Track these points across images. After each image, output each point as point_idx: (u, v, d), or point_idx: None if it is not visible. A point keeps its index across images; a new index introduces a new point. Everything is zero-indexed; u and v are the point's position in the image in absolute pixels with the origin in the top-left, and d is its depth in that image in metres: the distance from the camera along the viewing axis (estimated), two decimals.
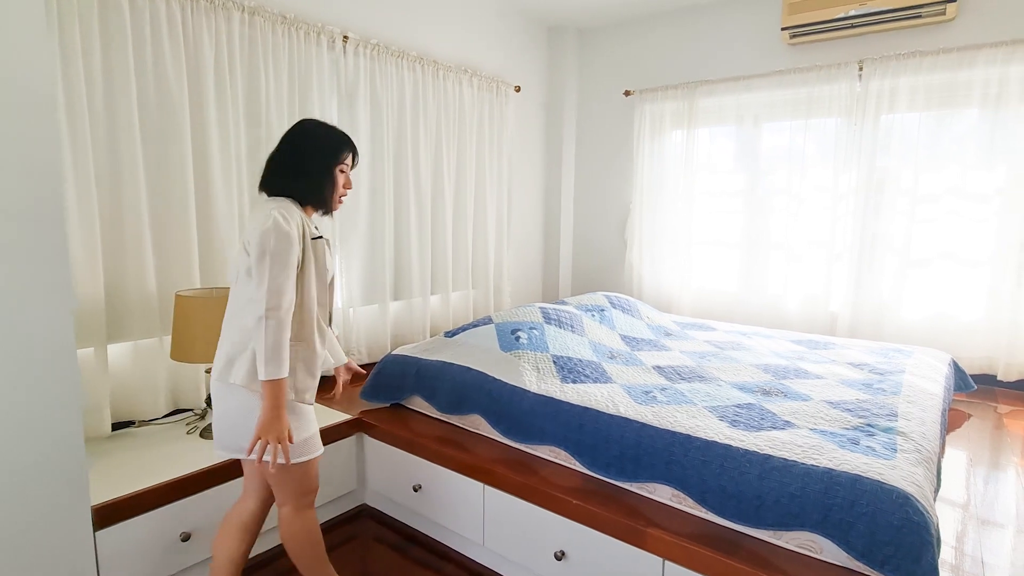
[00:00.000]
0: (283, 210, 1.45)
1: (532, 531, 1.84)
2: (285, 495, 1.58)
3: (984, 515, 1.76)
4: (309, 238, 1.50)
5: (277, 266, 1.39)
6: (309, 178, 1.53)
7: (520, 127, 4.10)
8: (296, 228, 1.45)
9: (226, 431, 1.50)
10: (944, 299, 3.09)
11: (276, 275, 1.39)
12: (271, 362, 1.38)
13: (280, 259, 1.40)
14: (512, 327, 2.45)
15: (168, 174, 2.18)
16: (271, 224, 1.40)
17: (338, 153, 1.56)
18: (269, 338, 1.37)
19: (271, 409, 1.40)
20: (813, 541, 1.46)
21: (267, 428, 1.40)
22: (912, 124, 3.11)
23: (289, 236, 1.41)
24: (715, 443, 1.64)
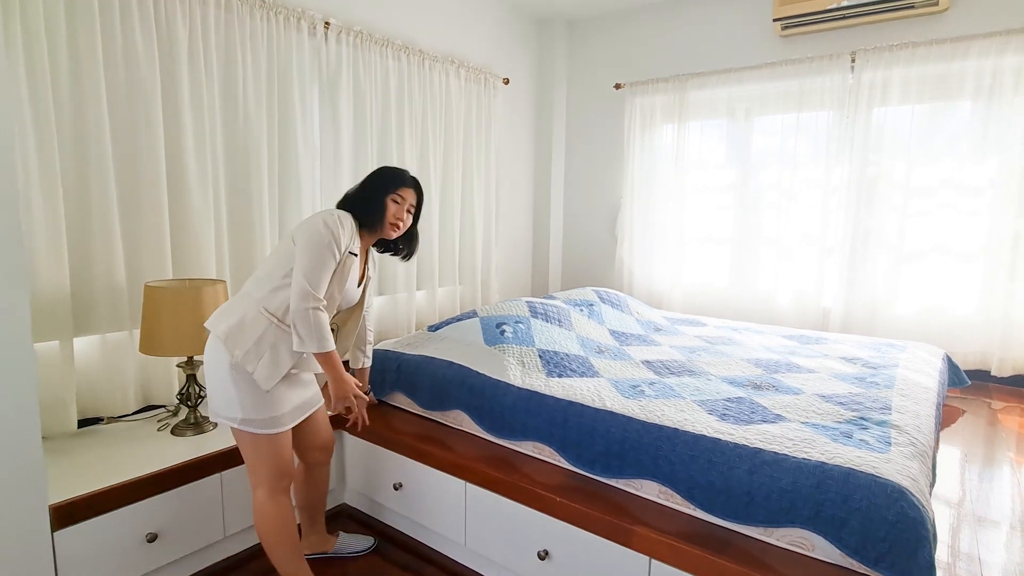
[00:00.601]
0: (341, 216, 1.63)
1: (515, 530, 1.77)
2: (258, 476, 1.61)
3: (980, 512, 1.71)
4: (347, 250, 1.63)
5: (322, 262, 1.55)
6: (363, 199, 1.72)
7: (509, 120, 4.05)
8: (343, 236, 1.60)
9: (210, 393, 1.61)
10: (937, 294, 3.06)
11: (319, 269, 1.55)
12: (320, 340, 1.55)
13: (324, 253, 1.56)
14: (497, 321, 2.38)
15: (139, 162, 2.10)
16: (328, 224, 1.58)
17: (392, 183, 1.73)
18: (315, 322, 1.53)
19: (335, 379, 1.65)
20: (804, 538, 1.41)
21: (339, 392, 1.67)
22: (904, 117, 3.08)
23: (339, 238, 1.58)
24: (704, 437, 1.59)
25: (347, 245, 1.61)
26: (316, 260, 1.54)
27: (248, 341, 1.54)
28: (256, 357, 1.54)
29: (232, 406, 1.56)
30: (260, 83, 2.45)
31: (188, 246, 2.24)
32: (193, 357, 2.06)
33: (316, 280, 1.54)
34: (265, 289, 1.59)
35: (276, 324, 1.57)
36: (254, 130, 2.43)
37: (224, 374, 1.55)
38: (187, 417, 2.09)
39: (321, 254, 1.55)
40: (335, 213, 1.62)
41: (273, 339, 1.56)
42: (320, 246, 1.55)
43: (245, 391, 1.55)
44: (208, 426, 2.10)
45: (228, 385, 1.55)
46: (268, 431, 1.57)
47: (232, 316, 1.58)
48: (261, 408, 1.56)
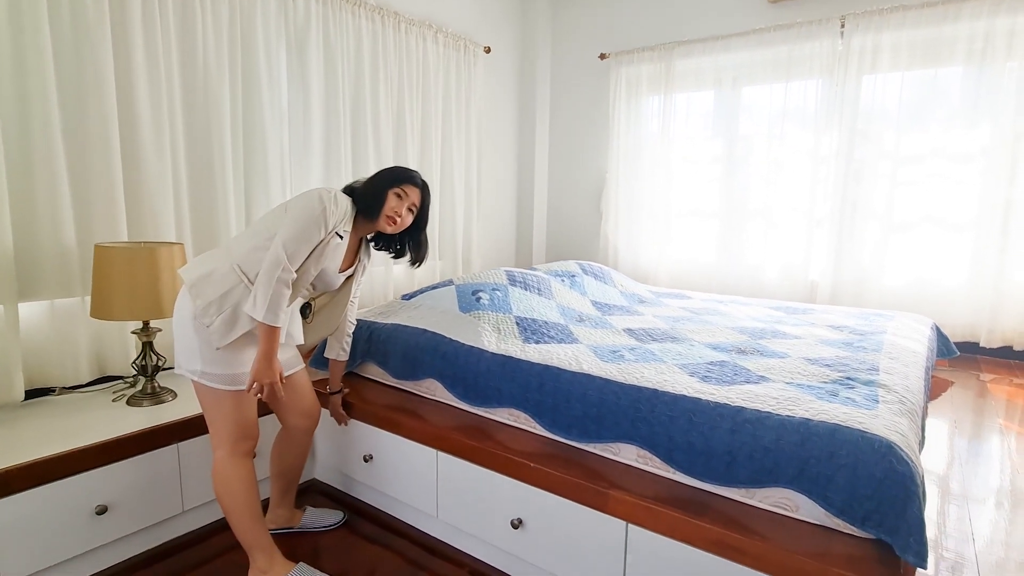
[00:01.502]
0: (338, 195, 1.57)
1: (487, 498, 1.70)
2: (219, 436, 1.55)
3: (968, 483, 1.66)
4: (334, 229, 1.56)
5: (306, 235, 1.49)
6: (366, 188, 1.66)
7: (490, 91, 3.93)
8: (333, 214, 1.53)
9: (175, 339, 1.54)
10: (926, 265, 3.01)
11: (301, 242, 1.48)
12: (269, 309, 1.45)
13: (312, 230, 1.49)
14: (473, 288, 2.30)
15: (87, 119, 1.97)
16: (324, 199, 1.51)
17: (399, 178, 1.67)
18: (274, 290, 1.44)
19: (263, 356, 1.48)
20: (788, 499, 1.34)
21: (260, 373, 1.49)
22: (894, 84, 3.02)
23: (328, 217, 1.51)
24: (684, 397, 1.51)
25: (335, 225, 1.55)
26: (300, 231, 1.48)
27: (213, 293, 1.48)
28: (217, 312, 1.48)
29: (193, 358, 1.50)
30: (221, 40, 2.32)
31: (143, 209, 2.13)
32: (149, 323, 1.96)
33: (294, 250, 1.47)
34: (245, 247, 1.53)
35: (245, 284, 1.50)
36: (214, 90, 2.30)
37: (187, 323, 1.49)
38: (144, 387, 1.99)
39: (306, 226, 1.49)
40: (333, 191, 1.56)
41: (238, 298, 1.49)
42: (308, 218, 1.49)
43: (206, 343, 1.48)
44: (167, 396, 2.00)
45: (191, 335, 1.49)
46: (228, 387, 1.51)
47: (204, 266, 1.53)
48: (222, 363, 1.50)
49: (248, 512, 1.56)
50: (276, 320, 1.45)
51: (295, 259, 1.48)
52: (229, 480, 1.54)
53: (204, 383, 1.50)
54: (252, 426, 1.58)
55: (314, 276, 1.60)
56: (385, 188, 1.65)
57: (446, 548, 1.86)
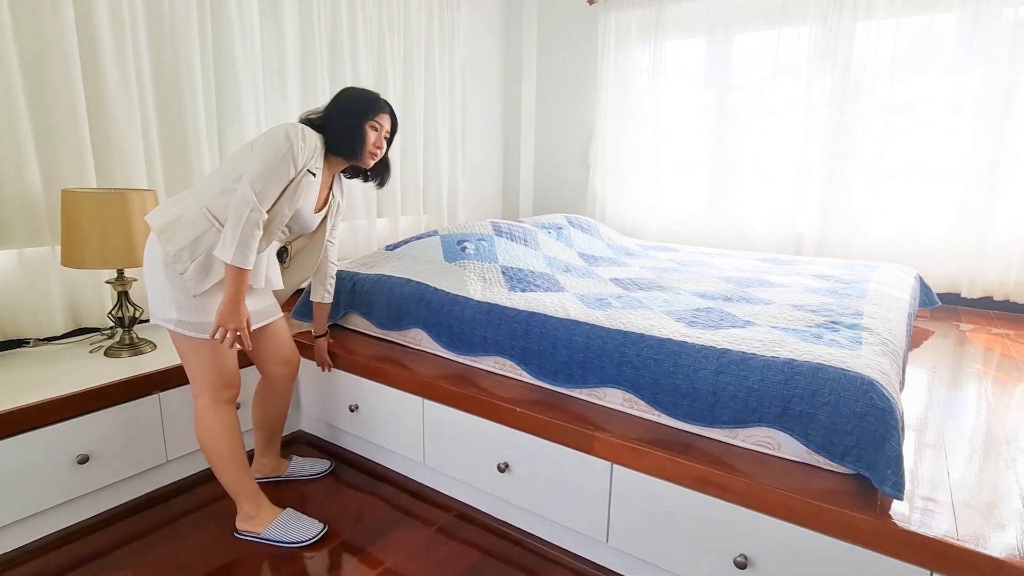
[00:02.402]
0: (306, 131, 1.48)
1: (474, 444, 1.71)
2: (200, 385, 1.52)
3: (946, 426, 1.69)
4: (305, 167, 1.49)
5: (274, 173, 1.42)
6: (340, 125, 1.56)
7: (475, 39, 3.80)
8: (303, 151, 1.46)
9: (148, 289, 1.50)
10: (912, 216, 3.02)
11: (269, 179, 1.42)
12: (238, 250, 1.38)
13: (276, 169, 1.42)
14: (459, 238, 2.26)
15: (46, 60, 1.86)
16: (291, 135, 1.43)
17: (371, 109, 1.58)
18: (243, 230, 1.38)
19: (230, 300, 1.42)
20: (770, 437, 1.36)
21: (225, 318, 1.43)
22: (889, 30, 2.95)
23: (297, 153, 1.44)
24: (669, 340, 1.51)
25: (306, 162, 1.48)
26: (267, 168, 1.41)
27: (183, 239, 1.42)
28: (189, 258, 1.42)
29: (167, 306, 1.45)
30: None
31: (112, 155, 2.04)
32: (124, 272, 1.91)
33: (263, 189, 1.41)
34: (213, 190, 1.46)
35: (216, 228, 1.44)
36: (182, 31, 2.18)
37: (159, 271, 1.44)
38: (122, 339, 1.96)
39: (273, 163, 1.42)
40: (299, 126, 1.47)
41: (210, 243, 1.44)
42: (275, 155, 1.42)
43: (180, 291, 1.44)
44: (146, 347, 1.97)
45: (163, 282, 1.44)
46: (205, 335, 1.46)
47: (172, 211, 1.46)
48: (197, 310, 1.45)
49: (232, 459, 1.56)
50: (246, 262, 1.40)
51: (264, 199, 1.42)
52: (211, 427, 1.52)
53: (180, 331, 1.46)
54: (232, 373, 1.55)
55: (288, 218, 1.54)
56: (362, 123, 1.57)
57: (433, 494, 1.88)
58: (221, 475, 1.57)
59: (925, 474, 1.31)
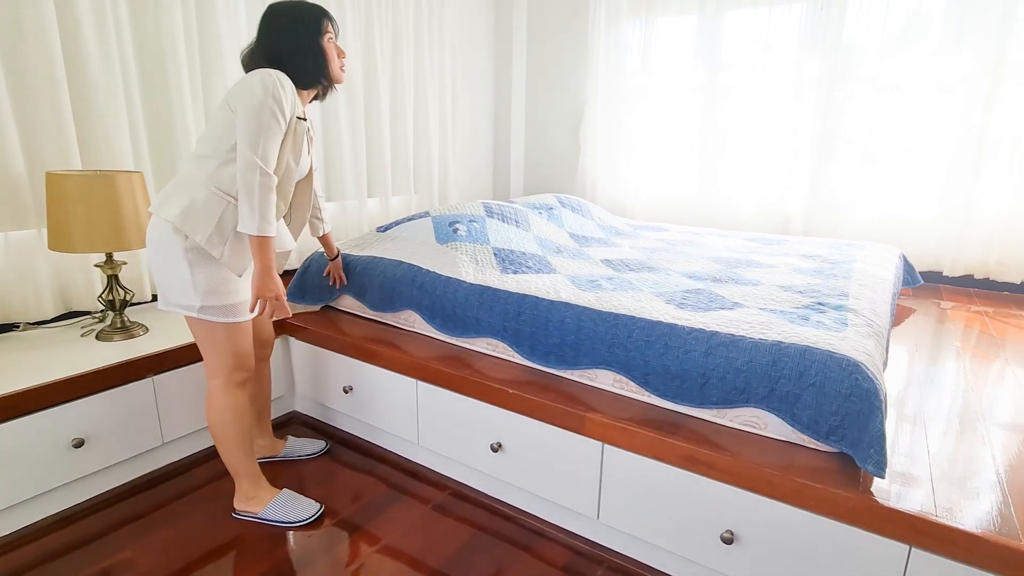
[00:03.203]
0: (281, 78, 1.39)
1: (467, 425, 1.73)
2: (214, 366, 1.52)
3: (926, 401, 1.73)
4: (293, 115, 1.43)
5: (267, 129, 1.36)
6: (300, 53, 1.46)
7: (464, 15, 3.71)
8: (286, 99, 1.39)
9: (160, 283, 1.46)
10: (898, 196, 3.04)
11: (266, 138, 1.36)
12: (261, 219, 1.36)
13: (271, 119, 1.36)
14: (450, 219, 2.24)
15: (24, 39, 1.80)
16: (271, 87, 1.35)
17: (320, 20, 1.48)
18: (261, 198, 1.35)
19: (263, 271, 1.41)
20: (757, 417, 1.38)
21: (263, 289, 1.41)
22: (879, 8, 2.92)
23: (281, 100, 1.37)
24: (660, 323, 1.52)
25: (292, 109, 1.42)
26: (260, 126, 1.35)
27: (208, 224, 1.38)
28: (221, 241, 1.40)
29: (188, 293, 1.42)
30: None
31: (96, 136, 1.99)
32: (113, 255, 1.88)
33: (264, 150, 1.35)
34: (211, 166, 1.40)
35: (233, 203, 1.41)
36: (165, 6, 2.11)
37: (178, 258, 1.39)
38: (113, 322, 1.93)
39: (264, 120, 1.35)
40: (272, 73, 1.38)
41: (234, 220, 1.41)
42: (262, 111, 1.34)
43: (203, 276, 1.41)
44: (138, 330, 1.95)
45: (183, 270, 1.40)
46: (228, 319, 1.46)
47: (181, 197, 1.39)
48: (221, 295, 1.44)
49: (238, 440, 1.57)
50: (270, 229, 1.37)
51: (268, 159, 1.36)
52: (223, 409, 1.53)
53: (205, 317, 1.44)
54: (248, 356, 1.55)
55: (296, 171, 1.50)
56: (319, 42, 1.47)
57: (428, 472, 1.91)
58: (226, 455, 1.59)
59: (905, 449, 1.34)
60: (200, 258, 1.40)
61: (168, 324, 2.04)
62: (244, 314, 1.50)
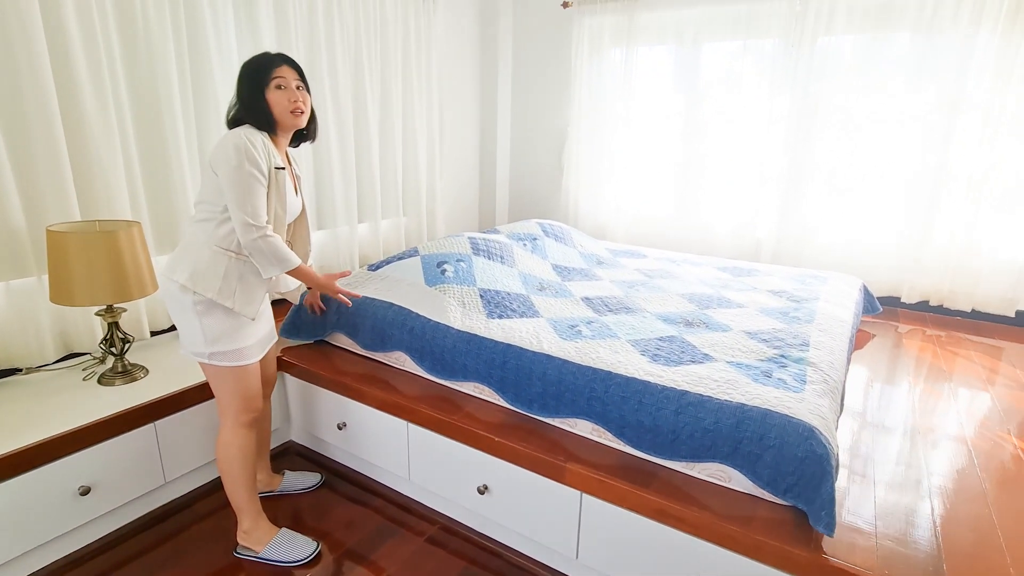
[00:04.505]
0: (250, 134, 1.48)
1: (456, 467, 1.79)
2: (224, 407, 1.62)
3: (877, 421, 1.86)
4: (271, 166, 1.51)
5: (249, 191, 1.45)
6: (246, 108, 1.53)
7: (451, 42, 3.72)
8: (262, 153, 1.48)
9: (179, 332, 1.58)
10: (861, 224, 3.15)
11: (251, 197, 1.45)
12: (282, 261, 1.54)
13: (252, 185, 1.45)
14: (439, 259, 2.29)
15: (21, 94, 1.79)
16: (243, 148, 1.44)
17: (262, 71, 1.53)
18: (268, 251, 1.50)
19: (313, 283, 1.70)
20: (723, 471, 1.47)
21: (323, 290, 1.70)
22: (847, 47, 3.00)
23: (255, 159, 1.46)
24: (635, 379, 1.60)
25: (267, 162, 1.50)
26: (244, 188, 1.45)
27: (216, 279, 1.50)
28: (231, 292, 1.52)
29: (198, 341, 1.54)
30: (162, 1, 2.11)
31: (95, 184, 2.00)
32: (113, 305, 1.90)
33: (252, 208, 1.46)
34: (210, 228, 1.52)
35: (235, 256, 1.54)
36: (158, 52, 2.11)
37: (190, 312, 1.51)
38: (114, 365, 1.96)
39: (245, 181, 1.44)
40: (241, 133, 1.47)
41: (239, 271, 1.54)
42: (241, 173, 1.44)
43: (211, 325, 1.53)
44: (139, 373, 1.98)
45: (194, 322, 1.52)
46: (234, 363, 1.57)
47: (188, 261, 1.51)
48: (229, 340, 1.55)
49: (241, 477, 1.65)
50: (289, 264, 1.56)
51: (258, 216, 1.47)
52: (229, 447, 1.62)
53: (214, 363, 1.55)
54: (255, 397, 1.65)
55: (285, 216, 1.60)
56: (261, 93, 1.51)
57: (420, 507, 1.98)
58: (230, 490, 1.66)
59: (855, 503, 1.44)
60: (209, 309, 1.51)
61: (168, 364, 2.08)
62: (250, 357, 1.60)
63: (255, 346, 1.63)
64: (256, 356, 1.63)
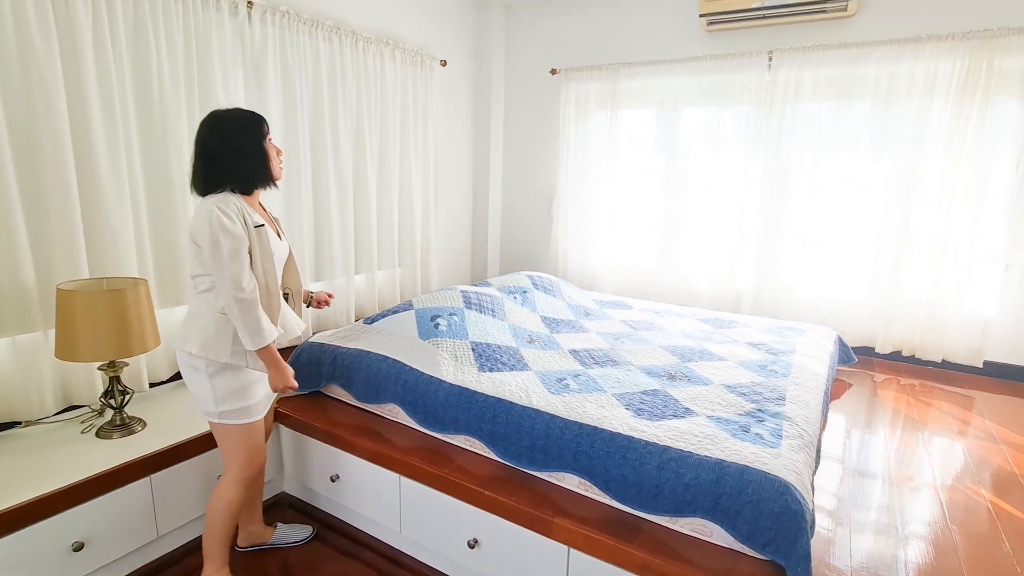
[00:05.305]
0: (223, 205, 1.49)
1: (446, 520, 1.80)
2: (228, 462, 1.67)
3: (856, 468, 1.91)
4: (252, 227, 1.54)
5: (230, 261, 1.47)
6: (247, 160, 1.55)
7: (446, 103, 3.90)
8: (239, 221, 1.50)
9: (192, 396, 1.64)
10: (834, 278, 3.26)
11: (233, 269, 1.47)
12: (254, 335, 1.51)
13: (232, 254, 1.47)
14: (432, 313, 2.35)
15: (42, 156, 1.87)
16: (216, 222, 1.45)
17: (261, 127, 1.59)
18: (247, 319, 1.50)
19: (271, 368, 1.59)
20: (705, 526, 1.50)
21: (276, 381, 1.60)
22: (814, 115, 3.19)
23: (234, 232, 1.47)
24: (619, 435, 1.64)
25: (245, 224, 1.51)
26: (222, 258, 1.46)
27: (226, 344, 1.56)
28: (242, 353, 1.58)
29: (208, 401, 1.59)
30: (177, 68, 2.23)
31: (104, 243, 2.06)
32: (115, 361, 1.93)
33: (235, 276, 1.48)
34: (211, 298, 1.57)
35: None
36: (172, 119, 2.22)
37: (202, 376, 1.57)
38: (113, 419, 1.97)
39: (223, 253, 1.46)
40: (214, 207, 1.47)
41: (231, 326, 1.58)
42: (219, 247, 1.46)
43: (222, 385, 1.58)
44: (137, 426, 1.99)
45: (205, 384, 1.58)
46: (242, 421, 1.62)
47: (197, 331, 1.56)
48: (237, 399, 1.60)
49: (223, 530, 1.68)
50: (266, 339, 1.53)
51: (241, 283, 1.47)
52: (221, 499, 1.66)
53: (223, 421, 1.61)
54: (260, 452, 1.71)
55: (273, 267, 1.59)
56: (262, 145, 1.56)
57: (411, 561, 1.96)
58: (207, 538, 1.69)
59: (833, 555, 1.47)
60: (219, 371, 1.57)
61: (166, 415, 2.09)
62: (257, 414, 1.66)
63: (261, 403, 1.67)
64: (262, 412, 1.68)
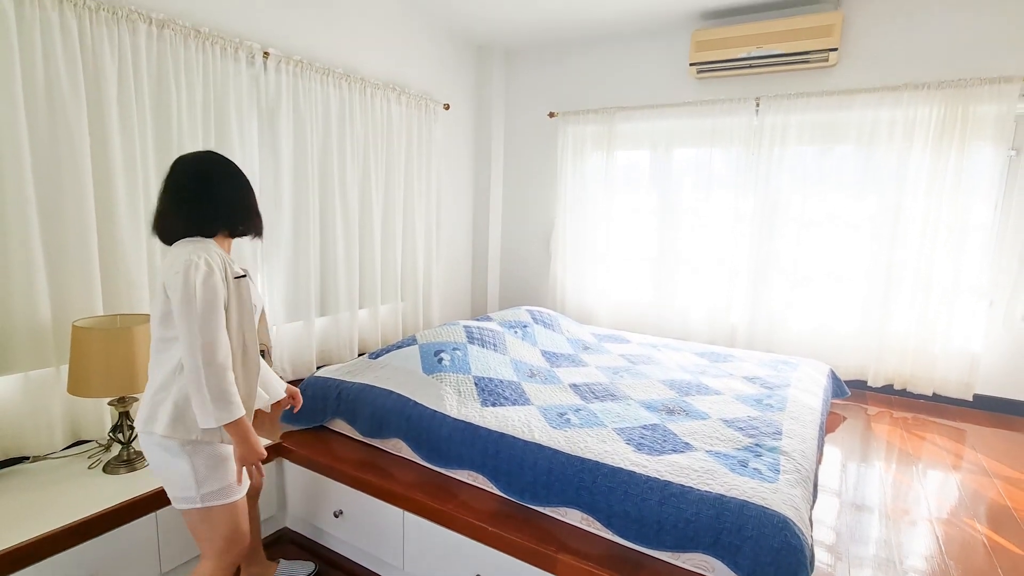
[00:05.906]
0: (205, 254, 1.35)
1: (450, 556, 1.79)
2: (208, 549, 1.49)
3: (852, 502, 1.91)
4: (232, 278, 1.40)
5: (208, 320, 1.31)
6: (238, 206, 1.46)
7: (449, 144, 4.02)
8: (220, 272, 1.36)
9: (164, 482, 1.46)
10: (825, 313, 3.31)
11: (210, 329, 1.31)
12: (223, 409, 1.33)
13: (209, 311, 1.31)
14: (435, 348, 2.38)
15: (64, 197, 1.93)
16: (199, 275, 1.30)
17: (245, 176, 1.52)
18: (213, 388, 1.31)
19: (241, 443, 1.40)
20: (706, 562, 1.50)
21: (247, 457, 1.41)
22: (799, 157, 3.29)
23: (216, 287, 1.33)
24: (621, 470, 1.65)
25: (227, 276, 1.38)
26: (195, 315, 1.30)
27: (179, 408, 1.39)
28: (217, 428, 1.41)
29: (190, 485, 1.42)
30: (195, 114, 2.31)
31: (119, 281, 2.10)
32: (126, 396, 1.94)
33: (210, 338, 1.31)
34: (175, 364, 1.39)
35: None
36: None
37: (178, 458, 1.40)
38: (120, 454, 1.97)
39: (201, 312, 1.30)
40: (188, 259, 1.33)
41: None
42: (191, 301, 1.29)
43: (201, 463, 1.42)
44: (142, 462, 1.98)
45: (184, 466, 1.41)
46: (228, 500, 1.47)
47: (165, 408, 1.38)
48: (219, 476, 1.45)
49: None
50: (235, 412, 1.34)
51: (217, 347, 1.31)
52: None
53: (207, 505, 1.43)
54: (246, 534, 1.53)
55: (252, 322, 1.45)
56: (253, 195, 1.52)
57: None
58: None
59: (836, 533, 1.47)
60: (196, 448, 1.41)
61: None
62: (241, 491, 1.51)
63: (242, 475, 1.50)
64: (245, 487, 1.53)
